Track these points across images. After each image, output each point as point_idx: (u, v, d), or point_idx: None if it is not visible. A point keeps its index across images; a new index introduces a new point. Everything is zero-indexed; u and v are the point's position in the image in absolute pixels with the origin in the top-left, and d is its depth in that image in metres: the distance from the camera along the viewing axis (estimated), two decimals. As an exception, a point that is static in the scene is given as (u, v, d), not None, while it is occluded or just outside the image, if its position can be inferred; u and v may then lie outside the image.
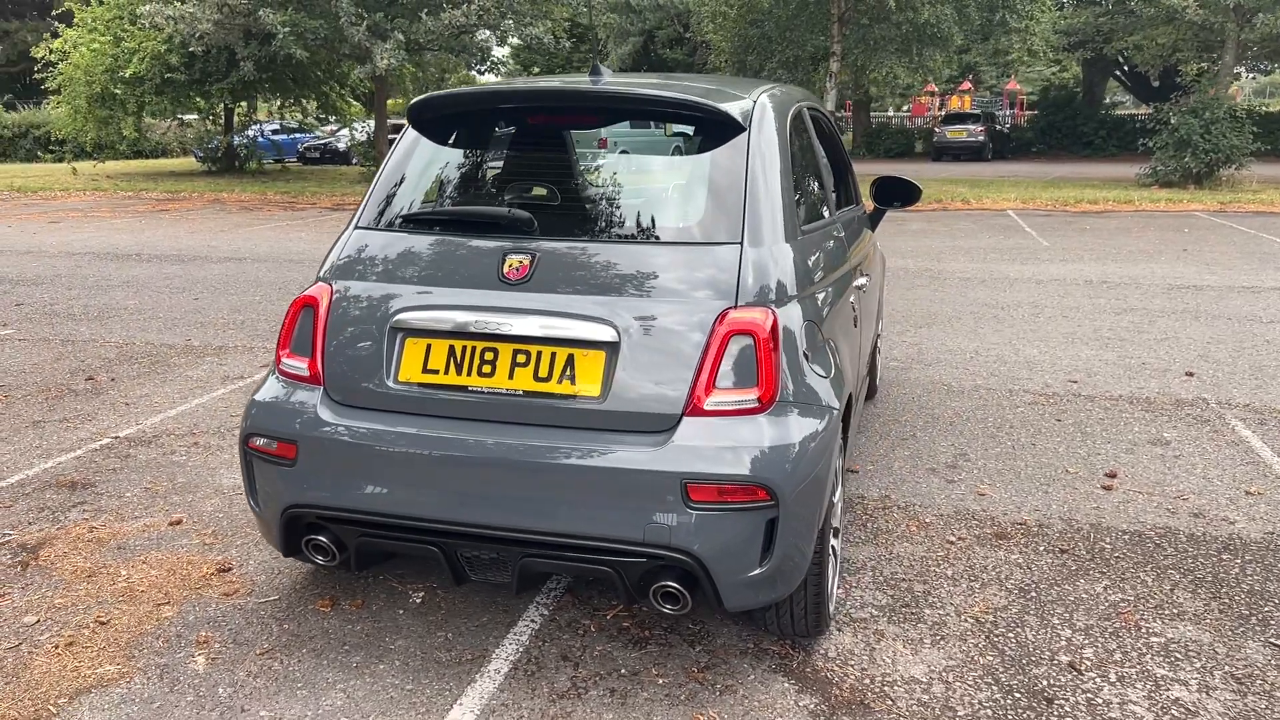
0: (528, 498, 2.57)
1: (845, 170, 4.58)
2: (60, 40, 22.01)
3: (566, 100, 3.04)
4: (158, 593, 3.29)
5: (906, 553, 3.56)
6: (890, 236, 12.53)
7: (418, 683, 2.77)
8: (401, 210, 2.98)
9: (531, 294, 2.69)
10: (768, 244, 2.78)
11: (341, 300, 2.86)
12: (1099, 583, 3.34)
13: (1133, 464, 4.43)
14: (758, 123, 2.97)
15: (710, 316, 2.61)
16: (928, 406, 5.27)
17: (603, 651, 2.93)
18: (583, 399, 2.60)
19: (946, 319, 7.53)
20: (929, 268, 10.02)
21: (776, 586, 2.62)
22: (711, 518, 2.49)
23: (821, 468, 2.65)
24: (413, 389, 2.71)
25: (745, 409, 2.57)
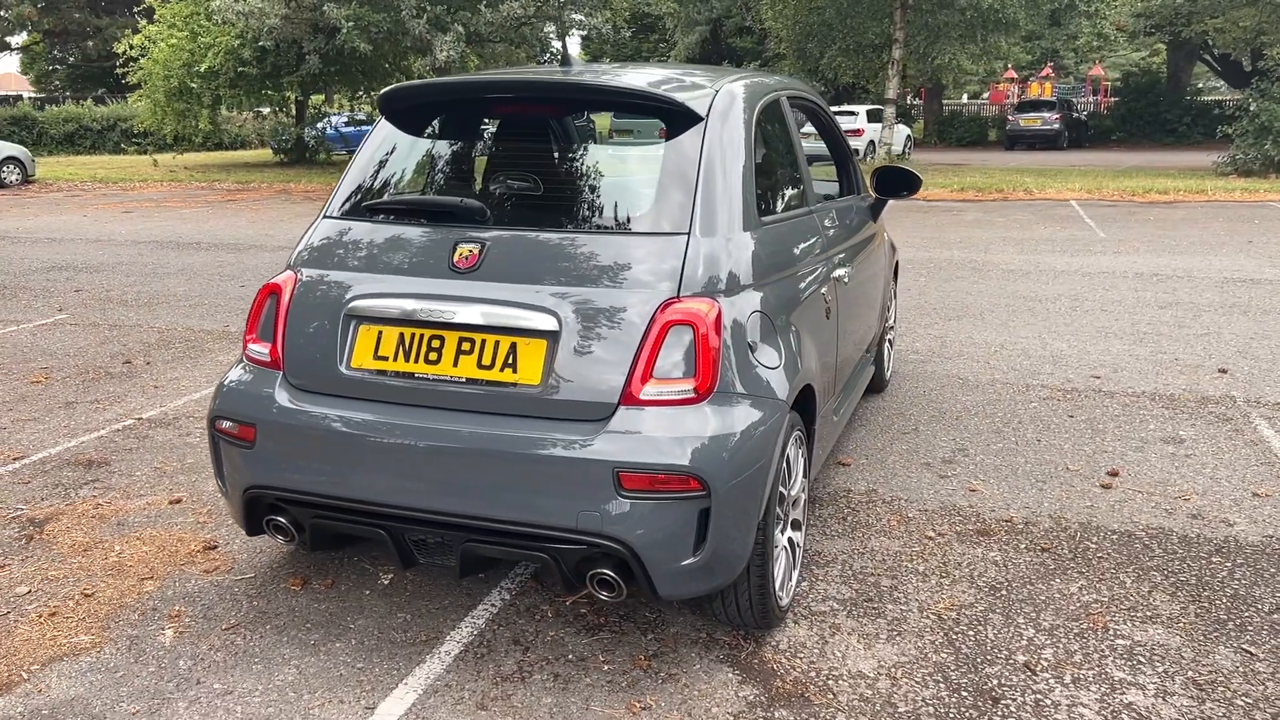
0: (468, 483, 2.61)
1: (846, 160, 4.53)
2: (140, 36, 22.80)
3: (528, 91, 3.07)
4: (144, 567, 3.43)
5: (881, 547, 3.52)
6: (942, 228, 12.31)
7: (369, 661, 2.85)
8: (366, 199, 3.05)
9: (478, 283, 2.73)
10: (720, 234, 2.77)
11: (303, 288, 2.94)
12: (1074, 583, 3.27)
13: (1139, 462, 4.30)
14: (718, 113, 2.96)
15: (651, 307, 2.61)
16: (937, 400, 5.19)
17: (555, 637, 2.97)
18: (523, 387, 2.63)
19: (978, 311, 7.37)
20: (973, 259, 9.81)
21: (712, 577, 2.62)
22: (643, 506, 2.51)
23: (761, 459, 2.64)
24: (364, 375, 2.77)
25: (681, 399, 2.57)
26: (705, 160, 2.85)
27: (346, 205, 3.08)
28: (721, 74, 3.25)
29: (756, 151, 3.14)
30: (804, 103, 4.12)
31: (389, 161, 3.15)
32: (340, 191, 3.12)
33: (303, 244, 3.07)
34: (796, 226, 3.32)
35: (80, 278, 9.55)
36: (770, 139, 3.38)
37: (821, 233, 3.53)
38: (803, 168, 3.55)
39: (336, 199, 3.11)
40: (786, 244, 3.17)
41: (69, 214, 15.56)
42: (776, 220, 3.17)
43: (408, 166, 3.14)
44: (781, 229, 3.18)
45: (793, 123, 3.56)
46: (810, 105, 4.16)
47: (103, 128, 35.17)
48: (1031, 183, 17.39)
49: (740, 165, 2.96)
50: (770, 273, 2.98)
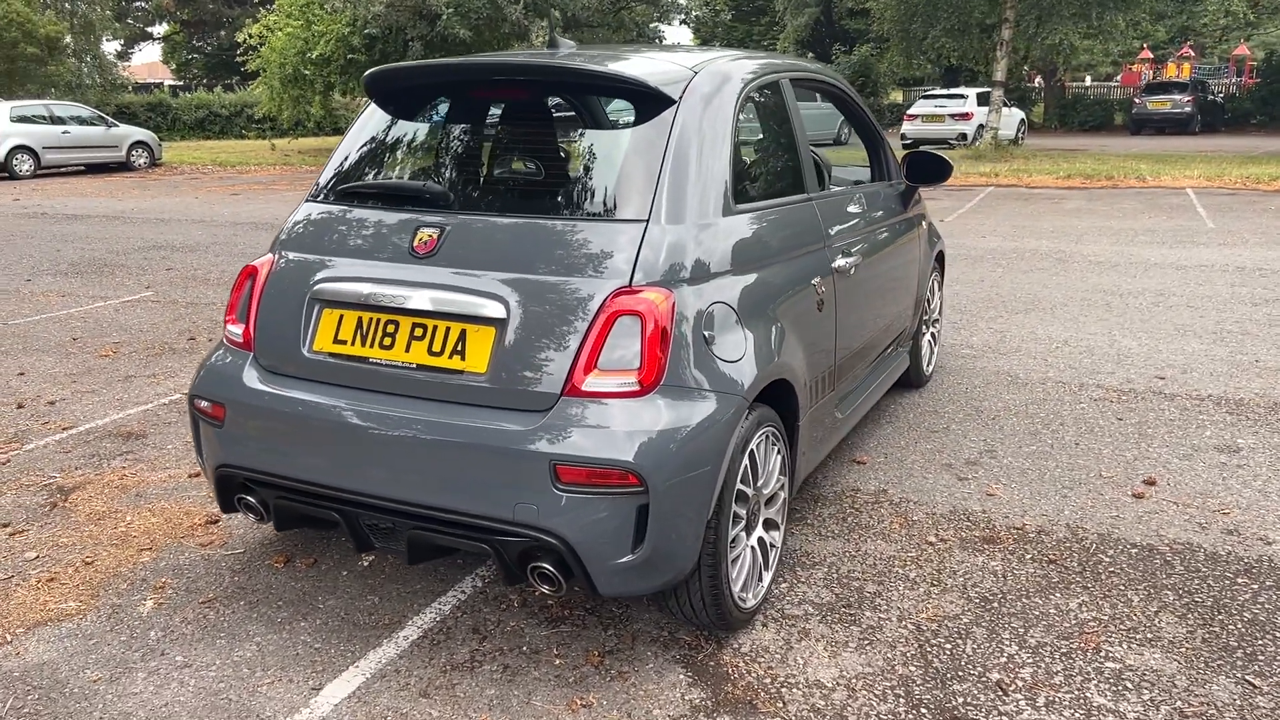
0: (412, 471, 2.60)
1: (877, 145, 4.35)
2: (259, 25, 23.71)
3: (498, 74, 3.02)
4: (146, 539, 3.54)
5: (875, 551, 3.37)
6: (1037, 216, 11.77)
7: (328, 642, 2.87)
8: (344, 183, 3.06)
9: (434, 268, 2.71)
10: (689, 222, 2.69)
11: (277, 270, 2.97)
12: (1075, 599, 3.05)
13: (1182, 471, 4.00)
14: (693, 96, 2.86)
15: (600, 296, 2.55)
16: (977, 398, 4.94)
17: (515, 627, 2.94)
18: (469, 375, 2.60)
19: (1050, 305, 7.00)
20: (1061, 250, 9.34)
21: (654, 575, 2.54)
22: (580, 501, 2.45)
23: (709, 456, 2.54)
24: (324, 359, 2.79)
25: (624, 392, 2.50)
26: (675, 145, 2.76)
27: (326, 189, 3.10)
28: (711, 56, 3.14)
29: (740, 136, 3.02)
30: (822, 86, 3.97)
31: (370, 144, 3.15)
32: (324, 175, 3.14)
33: (285, 227, 3.10)
34: (785, 215, 3.19)
35: (175, 257, 9.99)
36: (761, 123, 3.26)
37: (819, 222, 3.38)
38: (802, 154, 3.40)
39: (319, 182, 3.13)
40: (768, 233, 3.04)
41: (183, 196, 16.33)
42: (759, 208, 3.05)
43: (386, 149, 3.14)
44: (764, 217, 3.05)
45: (793, 106, 3.41)
46: (831, 89, 4.00)
47: (230, 113, 36.78)
48: (1146, 169, 16.47)
49: (717, 150, 2.86)
50: (744, 262, 2.87)
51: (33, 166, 20.57)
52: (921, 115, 23.39)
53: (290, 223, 3.09)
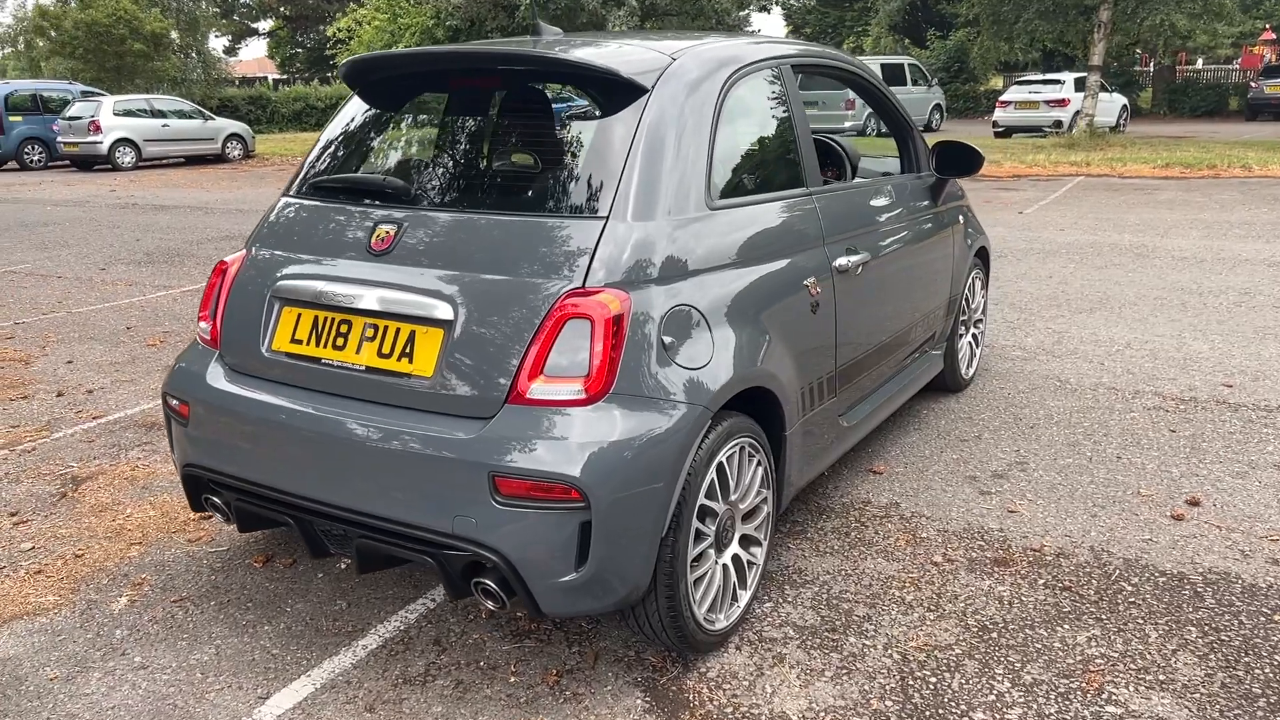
0: (359, 477, 2.50)
1: (905, 135, 4.10)
2: (348, 19, 24.23)
3: (469, 63, 2.90)
4: (138, 533, 3.55)
5: (873, 570, 3.15)
6: (1126, 208, 11.15)
7: (286, 648, 2.81)
8: (315, 177, 2.99)
9: (388, 266, 2.61)
10: (659, 219, 2.53)
11: (246, 267, 2.91)
12: (1085, 631, 2.79)
13: (1232, 491, 3.65)
14: (668, 85, 2.69)
15: (551, 297, 2.40)
16: (1017, 405, 4.63)
17: (477, 640, 2.83)
18: (416, 379, 2.49)
19: (1119, 304, 6.57)
20: (1143, 244, 8.79)
21: (602, 596, 2.39)
22: (519, 515, 2.31)
23: (663, 470, 2.38)
24: (281, 359, 2.72)
25: (570, 400, 2.35)
26: (645, 137, 2.60)
27: (301, 183, 3.03)
28: (696, 43, 2.96)
29: (725, 127, 2.84)
30: (837, 71, 3.73)
31: (347, 136, 3.07)
32: (300, 169, 3.07)
33: (259, 222, 3.05)
34: (774, 211, 2.98)
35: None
36: (753, 113, 3.06)
37: (817, 218, 3.17)
38: (802, 145, 3.19)
39: (297, 177, 3.07)
40: (751, 231, 2.85)
41: (267, 187, 16.75)
42: (743, 204, 2.86)
43: (361, 141, 3.05)
44: (749, 214, 2.87)
45: (793, 95, 3.20)
46: (848, 74, 3.76)
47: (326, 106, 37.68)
48: (1254, 158, 15.48)
49: (693, 143, 2.69)
50: (721, 262, 2.69)
51: (134, 159, 21.41)
52: (1015, 102, 22.51)
53: (266, 218, 3.03)
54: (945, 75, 34.01)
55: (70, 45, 29.03)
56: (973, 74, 32.95)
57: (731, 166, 2.91)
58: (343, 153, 3.03)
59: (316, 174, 2.99)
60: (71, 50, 29.22)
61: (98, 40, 28.73)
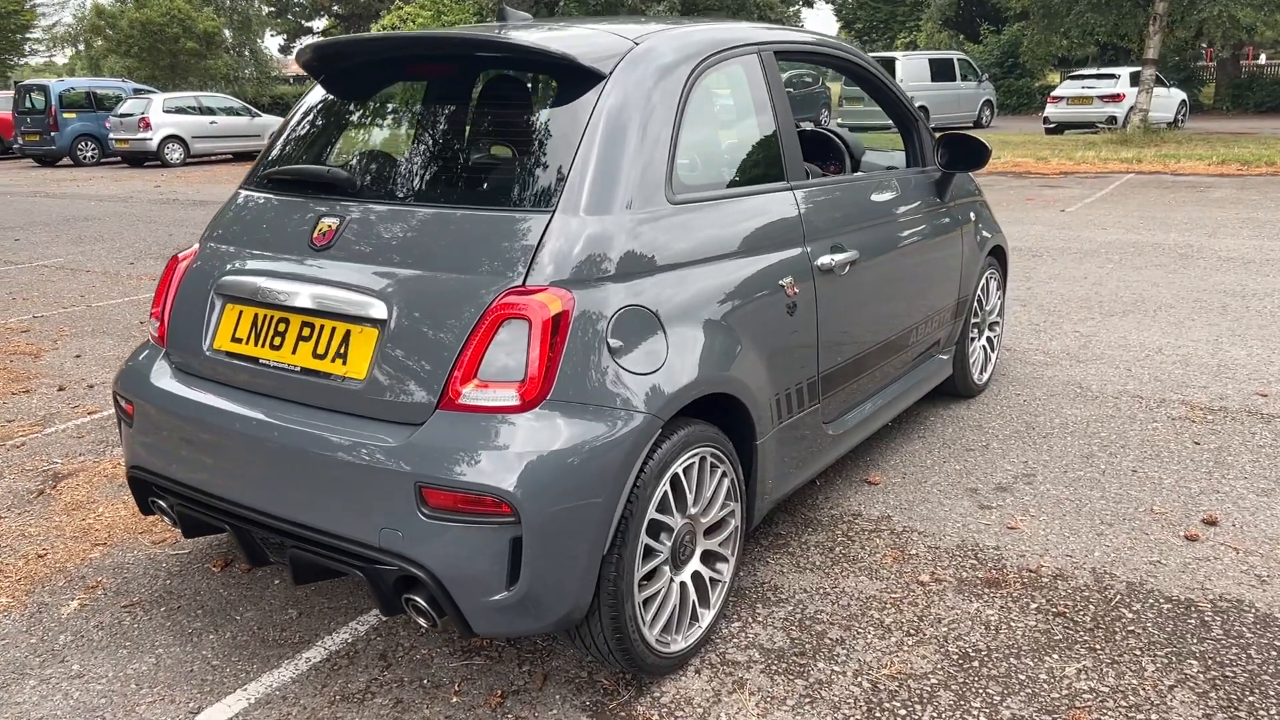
0: (289, 485, 2.38)
1: (910, 127, 3.88)
2: (392, 15, 24.36)
3: (418, 49, 2.76)
4: (104, 533, 3.47)
5: (854, 589, 2.96)
6: (1175, 205, 10.72)
7: (227, 660, 2.70)
8: (269, 168, 2.87)
9: (327, 261, 2.49)
10: (609, 213, 2.37)
11: (196, 262, 2.81)
12: (1076, 662, 2.58)
13: (1255, 510, 3.39)
14: (629, 71, 2.53)
15: (487, 296, 2.26)
16: (1032, 413, 4.39)
17: (425, 656, 2.69)
18: (349, 381, 2.36)
19: (1154, 307, 6.25)
20: (1188, 244, 8.41)
21: (535, 615, 2.23)
22: (446, 529, 2.17)
23: (602, 482, 2.22)
24: (221, 358, 2.61)
25: (504, 407, 2.20)
26: (600, 127, 2.44)
27: (256, 175, 2.92)
28: (664, 28, 2.79)
29: (692, 117, 2.67)
30: (830, 59, 3.54)
31: (304, 126, 2.95)
32: (259, 160, 2.97)
33: (215, 215, 2.95)
34: (746, 206, 2.81)
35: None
36: (723, 103, 2.88)
37: (797, 214, 2.98)
38: (783, 137, 3.00)
39: (254, 168, 2.96)
40: (719, 227, 2.68)
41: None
42: (710, 198, 2.68)
43: (317, 131, 2.92)
44: (715, 209, 2.69)
45: (773, 83, 3.01)
46: (843, 62, 3.56)
47: (374, 103, 37.99)
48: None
49: (654, 133, 2.53)
50: (681, 260, 2.53)
51: (182, 155, 21.72)
52: (1067, 97, 21.89)
53: (221, 211, 2.93)
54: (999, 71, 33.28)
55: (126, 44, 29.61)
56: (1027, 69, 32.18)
57: (698, 158, 2.74)
58: (299, 143, 2.91)
59: (270, 165, 2.88)
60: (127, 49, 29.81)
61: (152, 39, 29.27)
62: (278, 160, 2.88)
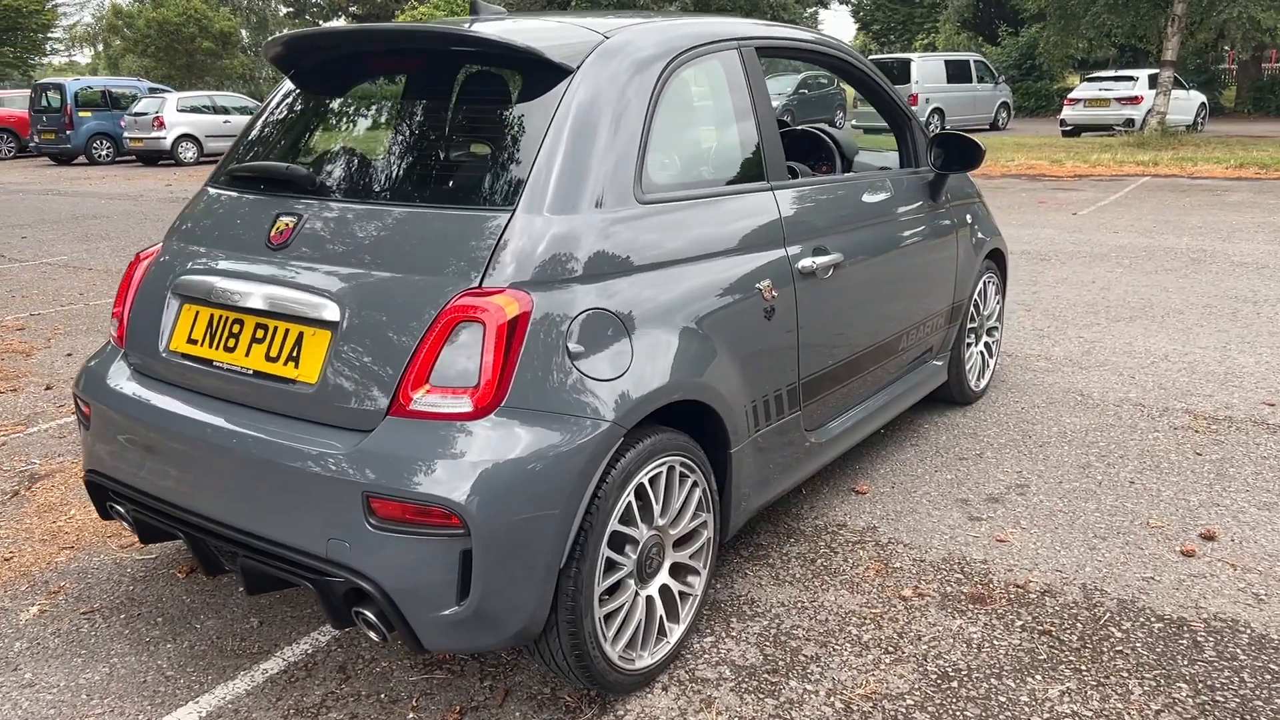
0: (239, 492, 2.30)
1: (903, 127, 3.78)
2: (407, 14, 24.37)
3: (381, 42, 2.67)
4: (73, 536, 3.41)
5: (833, 603, 2.86)
6: (1190, 209, 10.54)
7: (183, 670, 2.62)
8: (231, 166, 2.80)
9: (282, 261, 2.41)
10: (562, 213, 2.28)
11: (155, 260, 2.74)
12: (1059, 684, 2.47)
13: (1255, 525, 3.27)
14: (594, 66, 2.45)
15: (442, 298, 2.17)
16: (1029, 421, 4.27)
17: (385, 669, 2.61)
18: (300, 385, 2.28)
19: (1163, 312, 6.11)
20: (1201, 248, 8.24)
21: (488, 631, 2.15)
22: (394, 540, 2.08)
23: (558, 493, 2.13)
24: (177, 360, 2.53)
25: (456, 414, 2.12)
26: (567, 123, 2.35)
27: (221, 171, 2.85)
28: (637, 21, 2.70)
29: (664, 114, 2.58)
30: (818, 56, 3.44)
31: (271, 121, 2.88)
32: (226, 157, 2.89)
33: (180, 213, 2.88)
34: (721, 206, 2.71)
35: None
36: (699, 99, 2.79)
37: (778, 215, 2.88)
38: (765, 135, 2.90)
39: (219, 165, 2.89)
40: (692, 227, 2.58)
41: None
42: (681, 198, 2.59)
43: (283, 127, 2.85)
44: (687, 209, 2.60)
45: (754, 80, 2.91)
46: (831, 58, 3.46)
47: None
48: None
49: (623, 131, 2.44)
50: (650, 261, 2.44)
51: (196, 154, 21.78)
52: (1084, 99, 21.64)
53: (185, 209, 2.86)
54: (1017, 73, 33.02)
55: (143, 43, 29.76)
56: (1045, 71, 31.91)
57: (671, 157, 2.65)
58: (266, 139, 2.84)
59: (235, 161, 2.80)
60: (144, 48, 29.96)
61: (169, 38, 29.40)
62: (243, 156, 2.81)
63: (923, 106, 22.81)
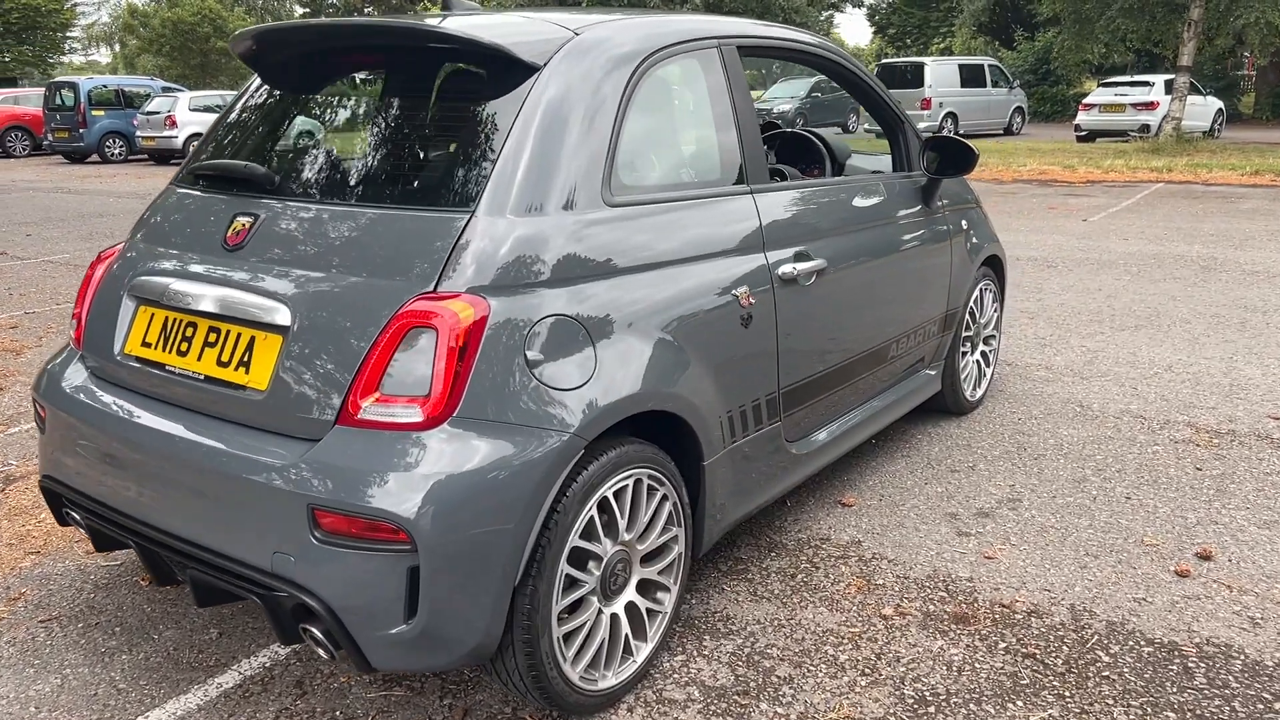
0: (187, 501, 2.23)
1: (896, 130, 3.68)
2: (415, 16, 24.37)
3: (343, 37, 2.59)
4: (40, 541, 3.35)
5: (812, 621, 2.76)
6: (1202, 217, 10.38)
7: (135, 684, 2.55)
8: (194, 164, 2.73)
9: (237, 262, 2.34)
10: (525, 215, 2.20)
11: (117, 261, 2.67)
12: (1041, 710, 2.36)
13: (1254, 544, 3.15)
14: (562, 63, 2.36)
15: (396, 302, 2.09)
16: (1026, 432, 4.15)
17: (343, 685, 2.53)
18: (250, 391, 2.20)
19: (1169, 321, 5.98)
20: (1212, 256, 8.09)
21: (440, 651, 2.06)
22: (340, 555, 2.00)
23: (512, 508, 2.04)
24: (131, 363, 2.46)
25: (406, 423, 2.03)
26: (533, 122, 2.27)
27: (185, 169, 2.78)
28: (609, 18, 2.61)
29: (636, 114, 2.49)
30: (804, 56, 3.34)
31: (238, 118, 2.81)
32: (192, 155, 2.82)
33: (143, 212, 2.81)
34: (697, 210, 2.62)
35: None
36: (675, 99, 2.70)
37: (757, 219, 2.78)
38: (743, 137, 2.81)
39: (184, 163, 2.82)
40: (663, 231, 2.49)
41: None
42: (653, 201, 2.50)
43: (248, 124, 2.77)
44: (659, 212, 2.51)
45: (735, 81, 2.82)
46: (818, 58, 3.36)
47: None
48: (1356, 166, 14.38)
49: (594, 129, 2.36)
50: (619, 266, 2.35)
51: (207, 153, 21.81)
52: (1099, 104, 21.44)
53: (148, 207, 2.79)
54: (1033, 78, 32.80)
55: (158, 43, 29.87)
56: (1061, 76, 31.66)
57: (643, 159, 2.56)
58: (231, 136, 2.76)
59: (199, 160, 2.73)
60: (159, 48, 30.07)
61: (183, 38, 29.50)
62: (209, 154, 2.73)
63: (936, 111, 22.66)
